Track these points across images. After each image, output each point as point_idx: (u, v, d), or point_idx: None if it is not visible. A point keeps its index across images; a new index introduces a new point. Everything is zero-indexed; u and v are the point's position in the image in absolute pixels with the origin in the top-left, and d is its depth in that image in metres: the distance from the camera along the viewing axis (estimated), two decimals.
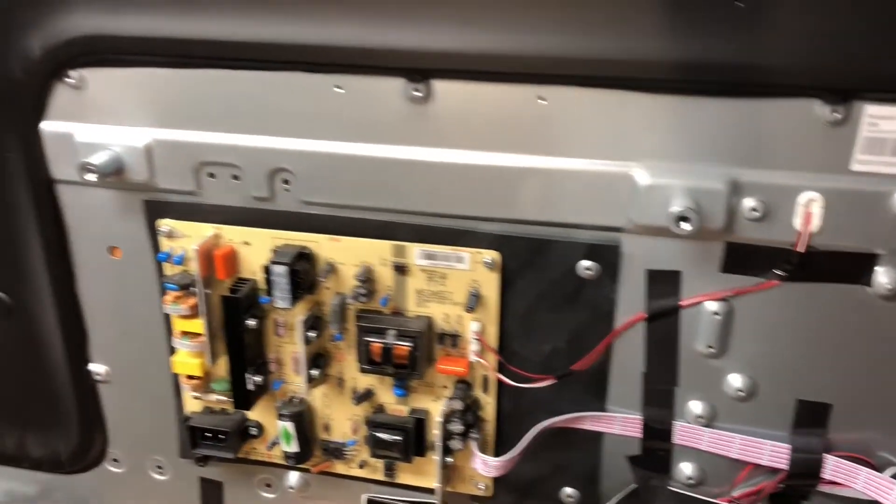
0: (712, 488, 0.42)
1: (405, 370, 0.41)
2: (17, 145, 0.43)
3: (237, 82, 0.39)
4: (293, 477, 0.49)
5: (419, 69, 0.37)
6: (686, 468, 0.42)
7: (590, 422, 0.42)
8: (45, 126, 0.42)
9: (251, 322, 0.42)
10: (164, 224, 0.43)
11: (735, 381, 0.40)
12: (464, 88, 0.37)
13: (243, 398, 0.44)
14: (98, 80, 0.41)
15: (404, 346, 0.40)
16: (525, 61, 0.36)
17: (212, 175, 0.42)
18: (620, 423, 0.42)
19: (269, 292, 0.41)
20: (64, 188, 0.44)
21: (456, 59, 0.36)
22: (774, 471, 0.40)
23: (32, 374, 0.50)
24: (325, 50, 0.37)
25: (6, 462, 0.53)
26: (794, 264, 0.36)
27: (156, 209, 0.43)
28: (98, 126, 0.42)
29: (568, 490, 0.44)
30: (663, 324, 0.39)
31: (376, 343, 0.41)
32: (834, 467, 0.39)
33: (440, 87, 0.37)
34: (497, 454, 0.43)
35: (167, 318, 0.46)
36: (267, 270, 0.40)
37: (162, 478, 0.52)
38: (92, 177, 0.41)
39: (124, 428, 0.51)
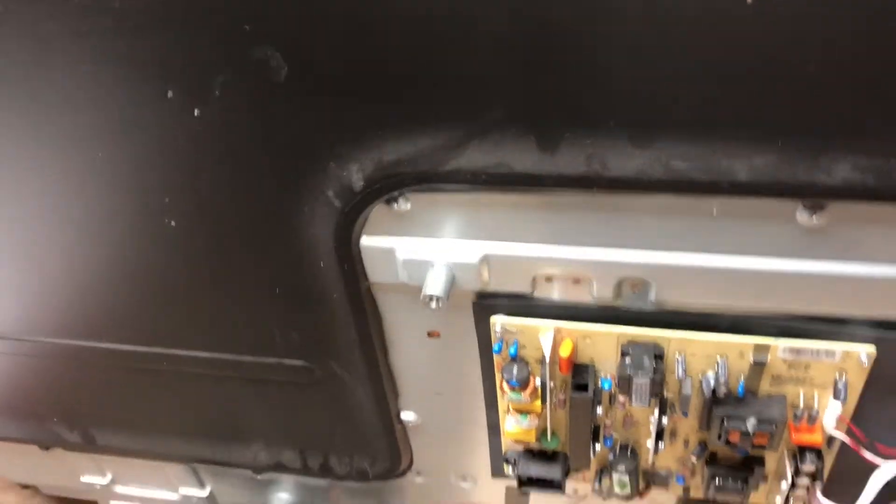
0: None
1: (761, 447, 0.41)
2: (333, 258, 0.41)
3: (585, 203, 0.36)
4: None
5: (819, 201, 0.33)
6: None
7: None
8: (365, 241, 0.40)
9: (599, 409, 0.42)
10: (496, 321, 0.41)
11: None
12: (860, 209, 0.33)
13: (584, 458, 0.45)
14: (423, 201, 0.38)
15: (765, 433, 0.40)
16: None
17: (549, 279, 0.40)
18: None
19: (623, 391, 0.40)
20: (381, 290, 0.42)
21: (869, 191, 0.32)
22: None
23: (337, 418, 0.51)
24: (714, 185, 0.33)
25: (311, 475, 0.57)
26: None
27: (484, 309, 0.41)
28: (421, 240, 0.39)
29: None
30: None
31: (736, 430, 0.41)
32: None
33: (839, 207, 0.34)
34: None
35: (485, 381, 0.46)
36: (626, 380, 0.40)
37: (467, 485, 0.55)
38: (435, 305, 0.39)
39: (433, 454, 0.53)
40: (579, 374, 0.42)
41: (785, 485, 0.44)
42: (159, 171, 0.39)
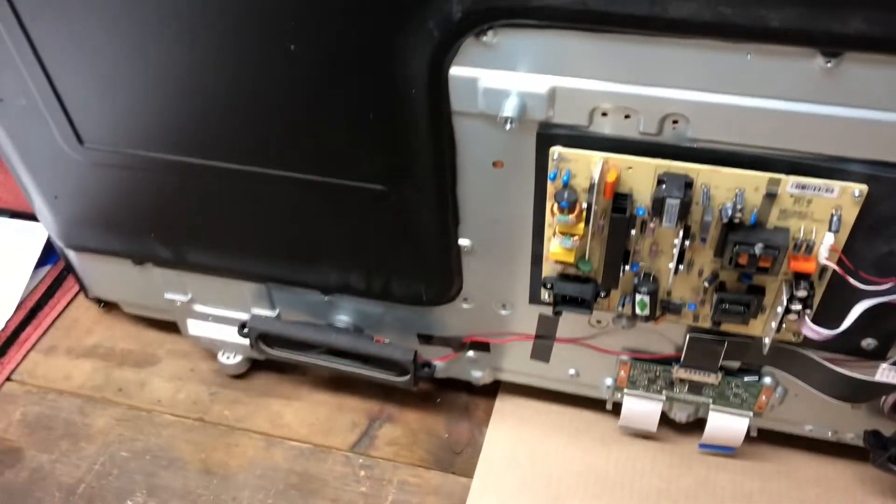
0: None
1: (764, 271, 0.50)
2: (425, 85, 0.49)
3: (646, 44, 0.44)
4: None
5: (836, 50, 0.41)
6: None
7: None
8: (454, 71, 0.48)
9: (633, 232, 0.51)
10: (555, 150, 0.50)
11: None
12: (869, 59, 0.41)
13: (613, 279, 0.54)
14: (506, 36, 0.46)
15: (769, 257, 0.49)
16: None
17: (605, 114, 0.48)
18: None
19: (656, 214, 0.49)
20: (460, 117, 0.51)
21: (876, 42, 0.40)
22: None
23: (403, 242, 0.60)
24: (750, 30, 0.41)
25: (372, 297, 0.66)
26: None
27: (546, 139, 0.50)
28: (500, 72, 0.47)
29: (868, 340, 0.55)
30: None
31: (745, 253, 0.49)
32: None
33: (851, 57, 0.41)
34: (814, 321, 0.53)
35: (535, 211, 0.55)
36: (660, 201, 0.48)
37: (505, 313, 0.64)
38: (510, 126, 0.47)
39: (480, 281, 0.62)
40: (619, 200, 0.50)
41: (780, 309, 0.53)
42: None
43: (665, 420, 0.69)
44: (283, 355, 0.71)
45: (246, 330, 0.70)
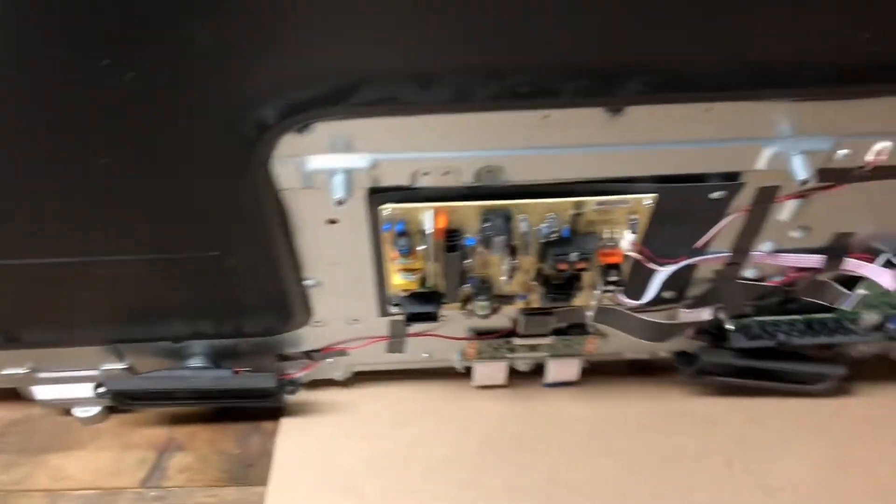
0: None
1: (582, 270, 0.57)
2: (249, 174, 0.50)
3: (455, 119, 0.47)
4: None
5: (618, 107, 0.47)
6: (750, 273, 0.64)
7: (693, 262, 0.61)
8: (276, 160, 0.49)
9: (468, 262, 0.56)
10: (385, 207, 0.53)
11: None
12: (645, 109, 0.48)
13: (454, 296, 0.60)
14: (325, 127, 0.47)
15: (584, 262, 0.56)
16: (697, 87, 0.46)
17: (426, 173, 0.51)
18: (713, 260, 0.61)
19: (485, 246, 0.54)
20: (289, 192, 0.52)
21: (650, 97, 0.46)
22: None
23: (250, 292, 0.62)
24: (547, 101, 0.46)
25: (225, 337, 0.68)
26: None
27: (376, 198, 0.53)
28: (322, 156, 0.49)
29: (668, 292, 0.65)
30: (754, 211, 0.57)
31: (563, 262, 0.56)
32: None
33: (630, 109, 0.47)
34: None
35: (374, 253, 0.58)
36: (486, 240, 0.53)
37: (358, 326, 0.69)
38: (340, 206, 0.50)
39: (329, 306, 0.66)
40: (451, 236, 0.55)
41: (598, 291, 0.61)
42: (99, 126, 0.45)
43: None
44: (146, 406, 0.72)
45: (102, 390, 0.70)
